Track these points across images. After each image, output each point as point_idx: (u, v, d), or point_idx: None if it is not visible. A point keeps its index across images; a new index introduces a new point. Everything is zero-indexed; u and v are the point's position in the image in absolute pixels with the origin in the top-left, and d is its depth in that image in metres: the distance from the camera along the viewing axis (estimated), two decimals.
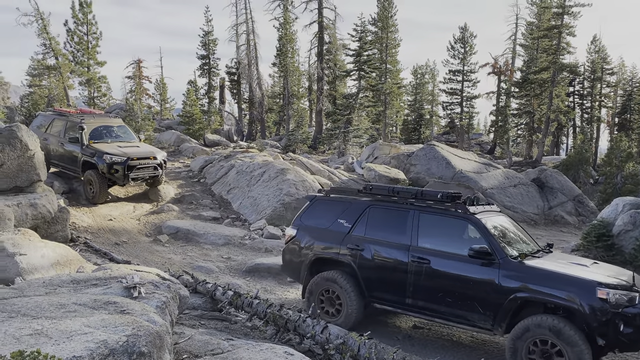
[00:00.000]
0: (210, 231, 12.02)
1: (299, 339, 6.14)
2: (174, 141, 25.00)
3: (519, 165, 31.18)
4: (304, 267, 7.37)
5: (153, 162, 13.89)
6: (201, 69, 39.00)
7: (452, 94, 42.35)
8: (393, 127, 48.08)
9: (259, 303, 6.70)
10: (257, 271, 9.70)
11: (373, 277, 6.75)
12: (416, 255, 6.41)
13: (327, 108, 33.21)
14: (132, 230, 12.09)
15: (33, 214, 9.26)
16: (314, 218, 7.49)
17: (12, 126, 9.72)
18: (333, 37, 33.89)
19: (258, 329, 6.81)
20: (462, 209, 6.43)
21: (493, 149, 39.35)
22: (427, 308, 6.39)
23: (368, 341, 5.39)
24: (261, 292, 8.33)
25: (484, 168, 21.14)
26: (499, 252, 5.99)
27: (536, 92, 35.48)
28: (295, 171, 15.26)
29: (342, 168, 21.67)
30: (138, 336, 3.32)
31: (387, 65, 38.26)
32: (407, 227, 6.62)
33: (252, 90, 35.77)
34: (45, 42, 30.87)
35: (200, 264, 9.88)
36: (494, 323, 5.93)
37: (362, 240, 6.89)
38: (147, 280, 5.03)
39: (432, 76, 50.86)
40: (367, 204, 7.10)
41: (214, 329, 6.49)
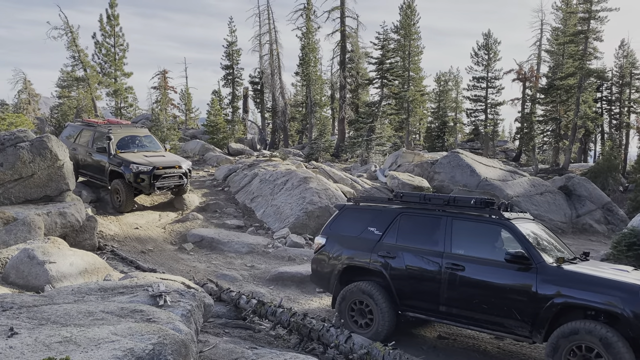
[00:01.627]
0: (234, 239, 12.10)
1: (323, 349, 6.12)
2: (198, 150, 25.32)
3: (546, 173, 30.64)
4: (334, 276, 7.29)
5: (178, 171, 14.08)
6: (225, 78, 39.49)
7: (476, 101, 41.97)
8: (416, 134, 47.84)
9: (282, 312, 6.71)
10: (280, 280, 9.71)
11: (405, 284, 6.67)
12: (450, 262, 6.32)
13: (349, 116, 33.23)
14: (158, 239, 12.25)
15: (62, 222, 9.46)
16: (344, 226, 7.45)
17: (43, 137, 9.99)
18: (355, 45, 33.97)
19: (282, 337, 6.81)
20: (496, 215, 6.36)
21: (518, 156, 38.79)
22: (462, 315, 6.27)
23: (392, 351, 5.34)
24: (285, 301, 8.33)
25: (509, 176, 20.83)
26: (536, 256, 5.88)
27: (562, 98, 34.89)
28: (318, 180, 15.28)
29: (365, 176, 21.61)
30: (164, 345, 3.35)
31: (409, 73, 38.14)
32: (440, 234, 6.55)
33: (275, 99, 36.04)
34: (74, 54, 31.70)
35: (224, 272, 9.95)
36: (532, 330, 5.77)
37: (393, 247, 6.82)
38: (172, 289, 5.09)
39: (456, 83, 50.55)
40: (397, 211, 7.06)
41: (238, 337, 6.51)
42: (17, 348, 3.10)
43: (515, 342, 7.01)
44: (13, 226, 8.45)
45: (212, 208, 15.05)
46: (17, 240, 8.31)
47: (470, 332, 7.61)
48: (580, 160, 42.44)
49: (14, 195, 9.38)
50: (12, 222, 8.48)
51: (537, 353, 6.89)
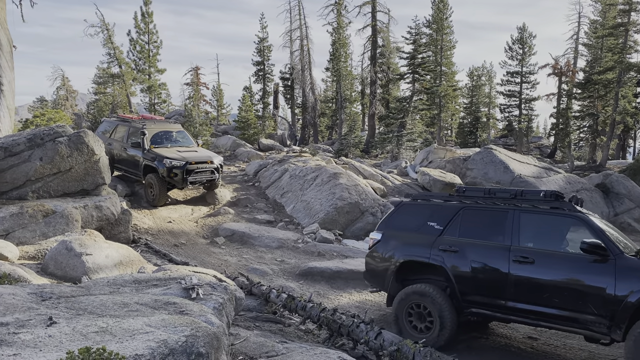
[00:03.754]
0: (265, 234, 12.19)
1: (352, 344, 6.11)
2: (229, 146, 25.60)
3: (582, 170, 29.81)
4: (390, 273, 6.99)
5: (210, 166, 14.26)
6: (256, 75, 39.76)
7: (510, 96, 41.12)
8: (448, 130, 47.23)
9: (312, 307, 6.72)
10: (310, 275, 9.73)
11: (468, 279, 6.40)
12: (518, 255, 6.05)
13: (380, 112, 33.05)
14: (190, 232, 12.44)
15: (98, 215, 9.70)
16: (401, 222, 7.22)
17: (80, 132, 10.25)
18: (386, 40, 33.72)
19: (311, 332, 6.83)
20: (569, 207, 6.13)
21: (553, 153, 37.87)
22: (531, 311, 5.94)
23: (423, 349, 5.28)
24: (314, 296, 8.36)
25: (544, 172, 20.35)
26: (613, 248, 5.57)
27: (600, 93, 33.85)
28: (347, 175, 15.24)
29: (395, 172, 21.44)
30: (196, 337, 3.39)
31: (442, 68, 37.65)
32: (507, 228, 6.29)
33: (305, 95, 36.12)
34: (110, 51, 32.45)
35: (254, 267, 10.03)
36: (611, 325, 5.42)
37: (455, 242, 6.57)
38: (204, 282, 5.15)
39: (489, 78, 49.61)
40: (460, 206, 6.84)
41: (269, 331, 6.57)
42: (56, 337, 3.18)
43: (548, 343, 6.81)
44: (52, 219, 8.71)
45: (243, 203, 15.19)
46: (56, 233, 8.56)
47: (503, 332, 7.49)
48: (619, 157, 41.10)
49: (53, 189, 9.67)
50: (51, 215, 8.74)
51: (572, 354, 6.72)
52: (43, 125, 16.89)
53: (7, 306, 3.74)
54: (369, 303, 8.64)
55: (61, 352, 2.97)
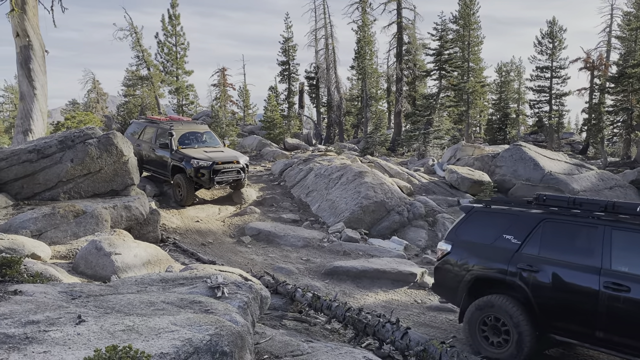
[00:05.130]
0: (290, 233, 12.22)
1: (379, 344, 6.07)
2: (255, 146, 25.78)
3: (615, 166, 28.95)
4: (462, 287, 6.51)
5: (236, 166, 14.38)
6: (281, 74, 39.94)
7: (539, 92, 40.27)
8: (476, 127, 46.51)
9: (337, 306, 6.70)
10: (335, 274, 9.71)
11: (551, 303, 5.80)
12: (610, 281, 5.37)
13: (406, 109, 32.79)
14: (217, 232, 12.56)
15: (127, 215, 9.88)
16: (472, 232, 6.68)
17: (109, 134, 10.46)
18: (412, 37, 33.43)
19: (337, 332, 6.81)
20: None
21: (585, 149, 36.92)
22: (627, 345, 5.31)
23: (450, 349, 5.21)
24: (340, 295, 8.34)
25: (575, 169, 19.86)
26: None
27: (635, 87, 32.81)
28: (373, 174, 15.16)
29: (422, 170, 21.24)
30: (221, 336, 3.41)
31: (469, 64, 37.10)
32: (596, 247, 5.58)
33: (331, 93, 36.09)
34: (138, 54, 33.07)
35: (280, 265, 10.06)
36: None
37: (536, 260, 5.93)
38: (230, 281, 5.18)
39: (518, 73, 48.71)
40: (540, 217, 6.15)
41: (294, 330, 6.57)
42: (84, 335, 3.25)
43: None
44: (82, 219, 8.91)
45: (268, 202, 15.27)
46: (86, 233, 8.76)
47: None
48: None
49: (83, 190, 9.89)
50: (81, 215, 8.95)
51: None
52: (74, 128, 17.31)
53: (39, 304, 3.83)
54: (396, 303, 8.57)
55: (89, 349, 3.02)
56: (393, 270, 9.62)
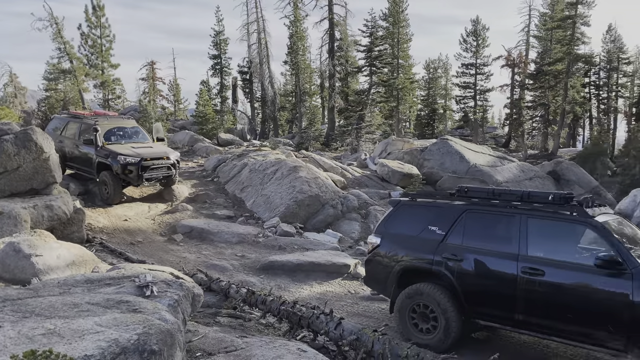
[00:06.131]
0: (224, 229, 12.07)
1: (313, 336, 6.13)
2: (187, 141, 25.18)
3: (535, 158, 30.81)
4: (392, 279, 6.66)
5: (166, 162, 13.98)
6: (213, 68, 39.22)
7: (465, 88, 42.03)
8: (406, 122, 47.84)
9: (272, 300, 6.71)
10: (271, 269, 9.70)
11: (475, 290, 6.06)
12: (527, 266, 5.66)
13: (339, 105, 33.18)
14: (147, 230, 12.18)
15: (49, 215, 9.37)
16: (400, 225, 6.84)
17: (27, 129, 9.86)
18: (344, 33, 33.82)
19: (272, 326, 6.82)
20: (579, 212, 5.66)
21: (508, 142, 38.96)
22: (542, 325, 5.65)
23: (382, 337, 5.35)
24: (275, 290, 8.33)
25: (498, 161, 20.94)
26: (631, 261, 5.17)
27: (551, 83, 35.02)
28: (307, 168, 15.25)
29: (355, 164, 21.60)
30: (149, 334, 3.33)
31: (399, 61, 38.04)
32: (514, 234, 5.87)
33: (264, 88, 35.88)
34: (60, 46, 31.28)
35: (214, 262, 9.92)
36: (628, 343, 5.11)
37: (459, 249, 6.18)
38: (159, 279, 5.06)
39: (445, 70, 50.55)
40: (462, 208, 6.39)
41: (228, 326, 6.51)
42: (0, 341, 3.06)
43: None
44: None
45: (201, 199, 14.98)
46: (3, 234, 8.22)
47: None
48: (569, 145, 42.75)
49: (0, 189, 9.27)
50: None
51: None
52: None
53: None
54: (330, 294, 8.69)
55: (5, 356, 2.86)
56: (327, 263, 9.76)
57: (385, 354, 5.13)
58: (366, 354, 5.37)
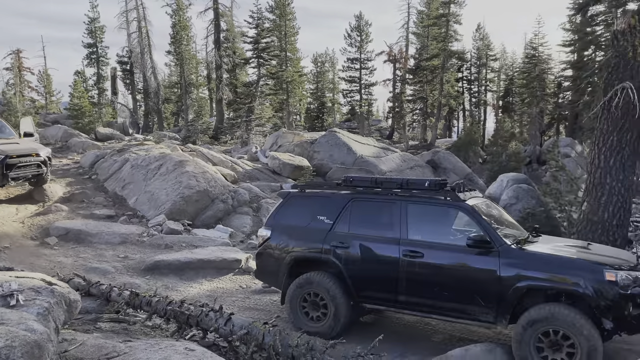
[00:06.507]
0: (105, 230, 11.33)
1: (203, 334, 5.97)
2: (60, 136, 23.20)
3: (415, 149, 32.73)
4: (282, 270, 6.71)
5: (36, 160, 12.75)
6: (88, 58, 36.62)
7: (351, 82, 43.41)
8: (297, 115, 48.37)
9: (158, 301, 6.41)
10: (157, 268, 9.28)
11: (362, 275, 6.27)
12: (407, 249, 5.97)
13: (227, 97, 32.59)
14: (16, 234, 11.06)
15: None
16: (290, 216, 6.89)
17: None
18: (230, 24, 33.24)
19: (159, 327, 6.53)
20: (452, 197, 6.03)
21: (391, 134, 40.94)
22: (423, 304, 5.97)
23: (272, 329, 5.35)
24: (162, 290, 8.01)
25: (382, 152, 21.93)
26: (498, 239, 5.61)
27: (428, 78, 37.35)
28: (195, 163, 14.80)
29: (245, 158, 21.40)
30: (12, 347, 3.03)
31: (287, 53, 38.29)
32: (395, 220, 6.16)
33: (147, 80, 34.19)
34: None
35: (94, 266, 9.27)
36: (497, 315, 5.52)
37: (346, 236, 6.37)
38: (27, 287, 4.61)
39: (332, 64, 51.82)
40: (348, 197, 6.58)
41: (111, 332, 6.13)
42: None
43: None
44: None
45: (78, 198, 13.91)
46: None
47: None
48: (446, 135, 45.98)
49: None
50: None
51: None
52: None
53: None
54: (221, 290, 8.53)
55: None
56: (217, 259, 9.55)
57: (276, 345, 5.13)
58: (257, 347, 5.34)
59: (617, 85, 8.37)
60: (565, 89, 36.71)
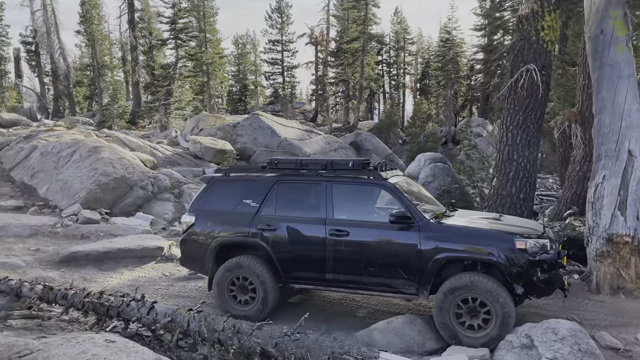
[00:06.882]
0: (13, 222, 10.59)
1: (125, 325, 5.79)
2: None
3: (339, 131, 33.18)
4: (209, 255, 6.63)
5: None
6: None
7: (273, 64, 43.02)
8: (218, 98, 47.35)
9: (75, 293, 6.12)
10: (73, 260, 8.82)
11: (289, 256, 6.32)
12: (334, 229, 6.08)
13: (144, 80, 31.24)
14: None
15: None
16: (215, 201, 6.79)
17: None
18: (145, 3, 31.75)
19: (77, 321, 6.25)
20: (375, 176, 6.20)
21: (315, 117, 41.19)
22: (350, 281, 6.12)
23: (197, 315, 5.28)
24: (80, 282, 7.68)
25: (306, 135, 22.04)
26: (417, 215, 5.84)
27: (349, 61, 37.80)
28: (111, 149, 14.14)
29: (165, 142, 20.72)
30: None
31: (206, 34, 37.20)
32: (321, 200, 6.26)
33: (55, 61, 31.98)
34: None
35: (1, 261, 8.65)
36: (419, 287, 5.75)
37: (273, 219, 6.39)
38: None
39: (254, 46, 51.02)
40: (273, 180, 6.59)
41: (23, 329, 5.80)
42: None
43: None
44: None
45: None
46: None
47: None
48: (368, 118, 46.94)
49: None
50: None
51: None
52: None
53: None
54: (143, 279, 8.28)
55: None
56: (138, 247, 9.25)
57: (201, 331, 5.07)
58: (183, 334, 5.25)
59: (522, 67, 8.91)
60: (477, 72, 38.61)
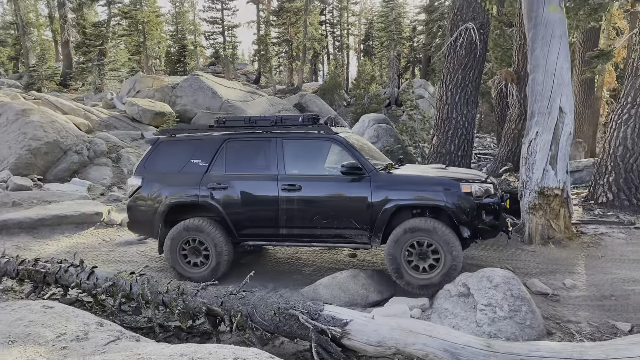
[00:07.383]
0: None
1: (64, 291, 5.62)
2: None
3: (283, 93, 32.80)
4: (158, 219, 6.49)
5: None
6: None
7: (213, 24, 41.60)
8: (157, 59, 45.46)
9: (8, 262, 5.87)
10: (5, 229, 8.40)
11: (241, 214, 6.28)
12: (286, 184, 6.12)
13: (75, 39, 29.43)
14: None
15: None
16: (161, 163, 6.64)
17: None
18: None
19: (12, 290, 6.02)
20: (325, 130, 6.26)
21: (259, 79, 40.44)
22: (304, 235, 6.19)
23: (140, 277, 5.19)
24: (13, 250, 7.36)
25: (249, 97, 21.66)
26: (368, 166, 5.97)
27: (292, 20, 37.09)
28: (41, 112, 13.36)
29: (100, 105, 19.79)
30: None
31: None
32: (272, 157, 6.26)
33: None
34: None
35: None
36: (371, 236, 5.93)
37: (224, 178, 6.33)
38: None
39: (192, 5, 49.04)
40: (223, 138, 6.49)
41: None
42: None
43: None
44: None
45: None
46: None
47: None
48: (312, 80, 46.62)
49: None
50: None
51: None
52: None
53: None
54: (82, 246, 8.02)
55: None
56: (76, 214, 8.92)
57: (145, 294, 5.00)
58: (126, 298, 5.17)
59: (461, 26, 9.04)
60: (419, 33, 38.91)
